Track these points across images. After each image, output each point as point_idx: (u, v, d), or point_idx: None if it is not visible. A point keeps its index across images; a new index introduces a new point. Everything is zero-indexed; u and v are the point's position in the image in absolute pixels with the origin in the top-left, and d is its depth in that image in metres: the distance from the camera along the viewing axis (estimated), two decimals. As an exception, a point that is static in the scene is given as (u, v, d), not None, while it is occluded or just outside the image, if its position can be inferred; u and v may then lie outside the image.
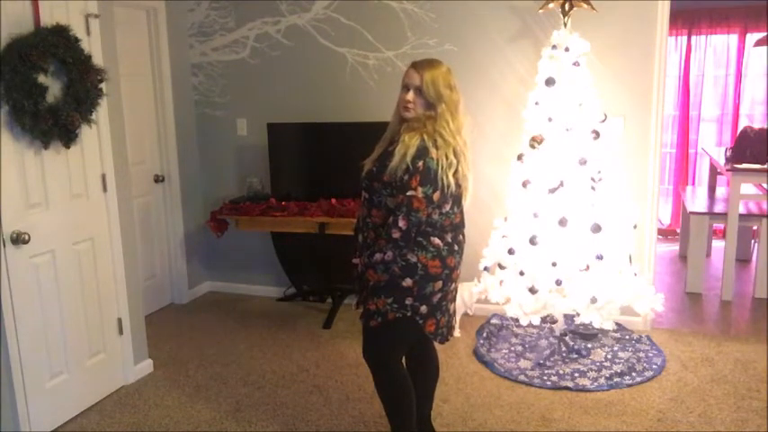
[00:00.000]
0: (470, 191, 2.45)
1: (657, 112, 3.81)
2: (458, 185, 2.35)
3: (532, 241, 3.40)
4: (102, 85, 3.00)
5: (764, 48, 5.73)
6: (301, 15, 4.40)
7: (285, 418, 3.08)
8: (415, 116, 2.31)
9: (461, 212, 2.43)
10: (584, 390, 3.27)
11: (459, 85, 2.36)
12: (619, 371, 3.43)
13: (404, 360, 2.56)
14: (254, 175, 4.55)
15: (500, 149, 4.01)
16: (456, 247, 2.39)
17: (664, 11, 3.71)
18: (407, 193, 2.23)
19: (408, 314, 2.35)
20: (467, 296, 3.91)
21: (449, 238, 2.35)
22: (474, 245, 3.01)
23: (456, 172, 2.31)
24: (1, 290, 2.70)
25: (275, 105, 4.56)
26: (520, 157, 3.56)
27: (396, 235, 2.24)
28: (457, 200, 2.38)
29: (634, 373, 3.41)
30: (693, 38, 6.17)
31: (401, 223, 2.23)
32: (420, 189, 2.22)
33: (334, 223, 4.09)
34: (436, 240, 2.31)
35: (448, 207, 2.33)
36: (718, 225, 5.36)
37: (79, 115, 2.89)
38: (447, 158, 2.26)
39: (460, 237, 2.43)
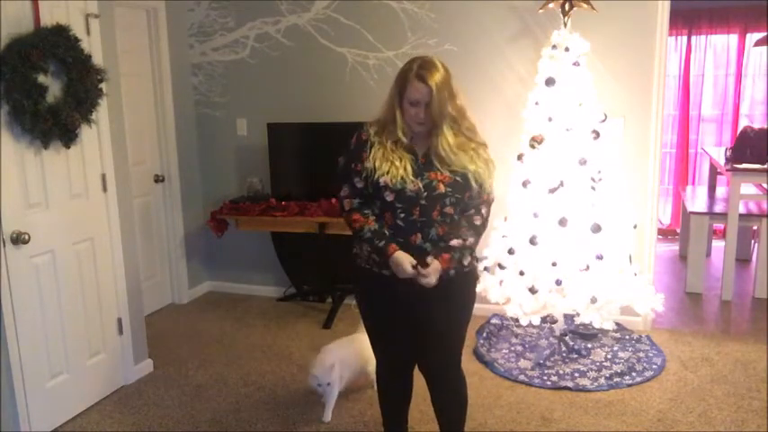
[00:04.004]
0: None
1: (657, 112, 3.81)
2: None
3: (532, 241, 3.40)
4: (102, 85, 3.00)
5: (764, 48, 5.74)
6: (301, 15, 4.40)
7: (285, 418, 3.08)
8: (426, 129, 2.21)
9: None
10: (584, 390, 3.27)
11: (460, 85, 2.21)
12: (619, 371, 3.43)
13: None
14: (254, 175, 4.55)
15: (500, 149, 3.94)
16: None
17: (664, 11, 3.71)
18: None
19: None
20: None
21: None
22: (474, 245, 3.02)
23: None
24: (1, 290, 2.70)
25: (275, 105, 4.56)
26: (520, 157, 3.57)
27: (478, 222, 2.28)
28: None
29: (634, 373, 3.41)
30: (693, 38, 6.17)
31: (483, 211, 2.30)
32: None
33: (334, 223, 4.09)
34: None
35: None
36: (719, 225, 5.36)
37: (79, 115, 2.89)
38: None
39: None
